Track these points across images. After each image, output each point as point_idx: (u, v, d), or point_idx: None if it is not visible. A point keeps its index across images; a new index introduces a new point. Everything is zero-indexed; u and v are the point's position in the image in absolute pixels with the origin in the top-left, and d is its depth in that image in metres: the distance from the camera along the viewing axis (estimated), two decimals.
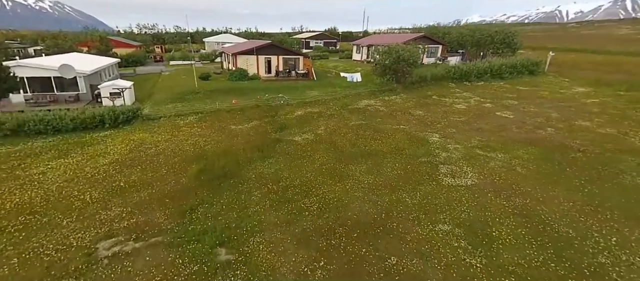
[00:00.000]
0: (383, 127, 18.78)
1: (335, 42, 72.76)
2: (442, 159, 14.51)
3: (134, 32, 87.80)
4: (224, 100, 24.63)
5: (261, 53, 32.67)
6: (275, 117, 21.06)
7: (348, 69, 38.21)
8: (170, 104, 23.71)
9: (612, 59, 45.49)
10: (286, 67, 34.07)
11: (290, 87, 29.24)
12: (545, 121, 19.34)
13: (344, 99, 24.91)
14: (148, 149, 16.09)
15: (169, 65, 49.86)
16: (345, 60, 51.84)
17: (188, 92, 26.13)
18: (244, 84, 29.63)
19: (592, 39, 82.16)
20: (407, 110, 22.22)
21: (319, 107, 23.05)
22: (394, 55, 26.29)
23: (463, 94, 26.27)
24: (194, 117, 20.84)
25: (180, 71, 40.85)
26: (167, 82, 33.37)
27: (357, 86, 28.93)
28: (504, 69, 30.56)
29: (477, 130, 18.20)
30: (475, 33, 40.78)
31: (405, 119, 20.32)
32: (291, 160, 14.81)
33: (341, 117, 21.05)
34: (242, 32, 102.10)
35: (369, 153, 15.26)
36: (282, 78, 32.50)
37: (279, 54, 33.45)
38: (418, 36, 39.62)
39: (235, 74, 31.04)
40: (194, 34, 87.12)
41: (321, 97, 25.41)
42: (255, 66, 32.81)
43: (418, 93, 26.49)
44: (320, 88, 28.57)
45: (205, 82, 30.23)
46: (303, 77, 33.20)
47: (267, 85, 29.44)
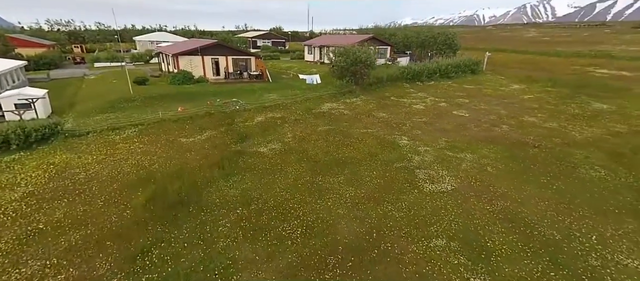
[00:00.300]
0: (352, 132, 18.00)
1: (283, 41, 70.87)
2: (416, 163, 14.17)
3: (44, 29, 74.77)
4: (168, 107, 21.58)
5: (207, 53, 29.71)
6: (233, 125, 18.95)
7: (303, 70, 37.00)
8: (100, 115, 19.93)
9: (530, 58, 51.72)
10: (237, 68, 31.57)
11: (245, 90, 27.01)
12: (497, 118, 20.50)
13: (306, 102, 23.67)
14: (76, 175, 12.96)
15: (93, 68, 43.15)
16: (297, 61, 50.51)
17: (122, 100, 22.35)
18: (190, 88, 26.53)
19: (510, 40, 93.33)
20: (370, 112, 21.83)
21: (281, 112, 21.46)
22: (352, 57, 25.82)
23: (418, 94, 26.93)
24: (133, 130, 17.68)
25: (108, 74, 35.40)
26: (93, 87, 28.47)
27: (317, 88, 27.91)
28: (451, 69, 32.28)
29: (441, 130, 18.46)
30: (419, 35, 42.77)
31: (371, 122, 19.84)
32: (260, 175, 13.13)
33: (307, 122, 19.78)
34: (178, 31, 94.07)
35: (344, 161, 14.28)
36: (234, 81, 30.00)
37: (228, 54, 30.82)
38: (368, 37, 40.14)
39: (179, 77, 27.69)
40: (121, 31, 77.26)
41: (281, 100, 23.79)
42: (200, 68, 29.73)
43: (377, 95, 26.43)
44: (278, 91, 26.89)
45: (142, 87, 26.38)
46: (257, 79, 31.09)
47: (217, 89, 26.77)
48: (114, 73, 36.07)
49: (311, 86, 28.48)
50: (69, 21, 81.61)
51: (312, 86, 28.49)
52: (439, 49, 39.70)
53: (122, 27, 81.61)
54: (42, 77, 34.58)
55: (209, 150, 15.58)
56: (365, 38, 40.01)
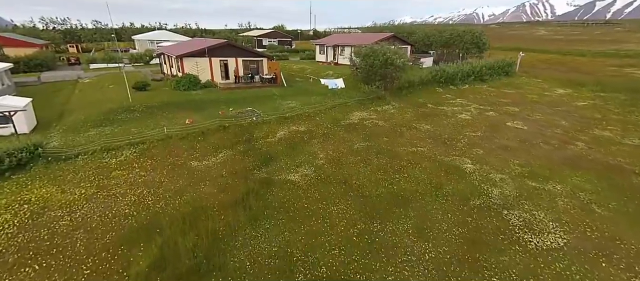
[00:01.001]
0: (397, 151, 14.80)
1: (290, 40, 67.52)
2: (499, 200, 10.99)
3: (39, 27, 71.30)
4: (174, 119, 18.37)
5: (215, 55, 26.44)
6: (252, 142, 15.74)
7: (318, 72, 33.73)
8: (93, 129, 16.71)
9: (554, 57, 48.52)
10: (248, 72, 28.32)
11: (259, 96, 23.78)
12: (563, 133, 17.31)
13: (332, 112, 20.44)
14: (56, 220, 9.77)
15: (88, 70, 39.86)
16: (308, 61, 47.23)
17: (119, 110, 19.11)
18: (196, 95, 23.30)
19: (521, 38, 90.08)
20: (410, 124, 18.62)
21: (305, 124, 18.25)
22: (381, 58, 22.58)
23: (457, 101, 23.70)
24: (133, 150, 14.46)
25: (105, 78, 32.12)
26: (87, 93, 25.21)
27: (339, 94, 24.66)
28: (485, 71, 29.08)
29: (504, 149, 15.26)
30: (442, 33, 39.53)
31: (416, 137, 16.64)
32: (298, 220, 9.95)
33: (338, 137, 16.58)
34: (179, 29, 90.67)
35: (403, 197, 11.10)
36: (245, 86, 26.75)
37: (238, 55, 27.56)
38: (388, 36, 36.89)
39: (184, 82, 24.44)
40: (119, 30, 73.79)
41: (302, 109, 20.55)
42: (208, 71, 26.48)
43: (410, 101, 23.21)
44: (296, 97, 23.66)
45: (142, 94, 23.14)
46: (269, 83, 27.85)
47: (227, 95, 23.56)
48: (111, 76, 32.79)
49: (332, 91, 25.24)
50: (64, 19, 78.22)
51: (333, 91, 25.24)
52: (465, 48, 36.48)
53: (120, 25, 78.14)
54: (32, 80, 31.36)
55: (228, 179, 12.39)
56: (385, 37, 36.74)
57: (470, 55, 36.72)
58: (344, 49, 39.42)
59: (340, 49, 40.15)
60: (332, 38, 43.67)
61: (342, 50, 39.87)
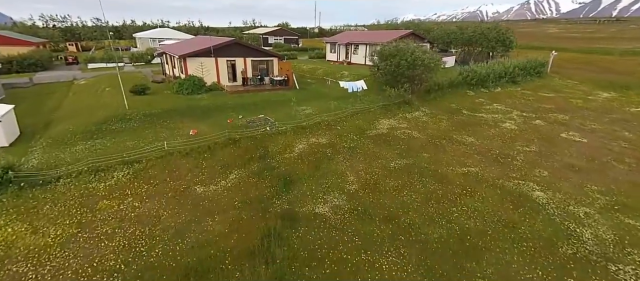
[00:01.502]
0: (444, 172, 12.27)
1: (296, 38, 64.88)
2: (596, 247, 8.44)
3: (38, 25, 69.17)
4: (176, 129, 15.94)
5: (221, 54, 23.96)
6: (268, 159, 13.27)
7: (333, 73, 31.15)
8: (82, 143, 14.30)
9: (581, 56, 45.55)
10: (257, 73, 25.83)
11: (270, 100, 21.29)
12: (634, 147, 14.67)
13: (354, 119, 17.91)
14: (18, 278, 7.34)
15: (86, 70, 37.57)
16: (318, 61, 44.66)
17: (114, 118, 16.68)
18: (201, 99, 20.86)
19: (534, 36, 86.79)
20: (449, 135, 16.05)
21: (327, 134, 15.75)
22: (410, 58, 19.98)
23: (494, 106, 21.06)
24: (126, 171, 12.02)
25: (102, 79, 29.78)
26: (81, 97, 22.86)
27: (360, 98, 22.10)
28: (517, 72, 26.39)
29: (572, 169, 12.67)
30: (463, 30, 36.74)
31: (460, 153, 14.08)
32: (334, 278, 7.45)
33: (368, 151, 14.07)
34: (182, 27, 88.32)
35: (471, 243, 8.57)
36: (254, 88, 24.25)
37: (246, 55, 25.06)
38: (406, 33, 34.19)
39: (187, 85, 21.99)
40: (120, 28, 71.51)
41: (320, 116, 18.01)
42: (214, 72, 24.01)
43: (441, 107, 20.61)
44: (311, 102, 21.16)
45: (141, 98, 20.72)
46: (281, 86, 25.34)
47: (235, 100, 21.09)
48: (108, 77, 30.43)
49: (351, 95, 22.66)
50: (64, 16, 76.05)
51: (352, 94, 22.66)
52: (490, 46, 33.70)
53: (120, 23, 75.80)
54: (23, 82, 29.05)
55: (242, 211, 9.92)
56: (403, 34, 34.09)
57: (495, 54, 33.96)
58: (358, 48, 36.83)
59: (353, 47, 37.55)
60: (344, 36, 41.06)
61: (355, 48, 37.28)
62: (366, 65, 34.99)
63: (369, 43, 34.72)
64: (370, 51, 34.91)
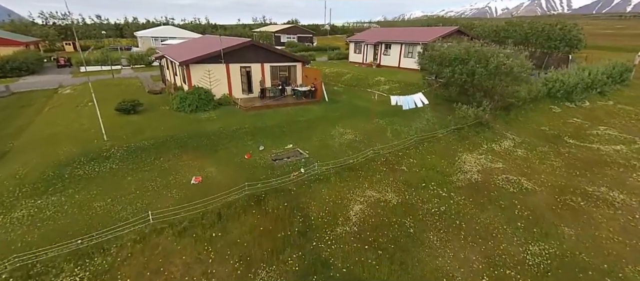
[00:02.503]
0: (623, 275, 7.01)
1: (311, 37, 59.57)
2: None
3: (38, 22, 64.88)
4: (171, 174, 10.94)
5: (233, 59, 18.88)
6: (312, 242, 8.16)
7: (364, 79, 25.85)
8: (26, 202, 9.36)
9: None
10: (277, 82, 20.71)
11: (297, 120, 16.18)
12: None
13: (422, 152, 12.71)
14: None
15: (78, 74, 32.90)
16: (338, 62, 39.35)
17: (83, 156, 11.72)
18: (209, 120, 15.87)
19: None
20: (578, 186, 10.75)
21: (391, 183, 10.63)
22: (494, 63, 14.63)
23: (601, 130, 15.59)
24: (79, 274, 6.98)
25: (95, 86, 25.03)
26: (55, 115, 18.04)
27: (410, 116, 16.84)
28: (604, 80, 20.84)
29: None
30: (517, 27, 31.06)
31: (618, 226, 8.80)
32: None
33: (471, 222, 8.92)
34: (188, 24, 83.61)
35: None
36: (274, 102, 19.13)
37: (264, 59, 19.95)
38: (452, 30, 28.70)
39: (191, 100, 16.97)
40: (122, 26, 67.02)
41: (370, 145, 12.80)
42: (224, 82, 18.96)
43: (530, 131, 15.27)
44: (350, 121, 16.05)
45: (129, 119, 15.80)
46: (306, 98, 20.19)
47: (253, 120, 16.03)
48: (99, 84, 25.66)
49: (397, 111, 17.31)
50: (65, 14, 71.78)
51: (398, 111, 17.29)
52: (552, 46, 28.04)
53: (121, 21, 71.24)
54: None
55: None
56: (449, 31, 28.62)
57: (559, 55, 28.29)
58: (390, 48, 31.47)
59: (383, 47, 32.19)
60: (372, 33, 35.66)
61: (386, 48, 31.93)
62: (402, 69, 29.66)
63: (406, 42, 29.35)
64: (406, 51, 29.58)
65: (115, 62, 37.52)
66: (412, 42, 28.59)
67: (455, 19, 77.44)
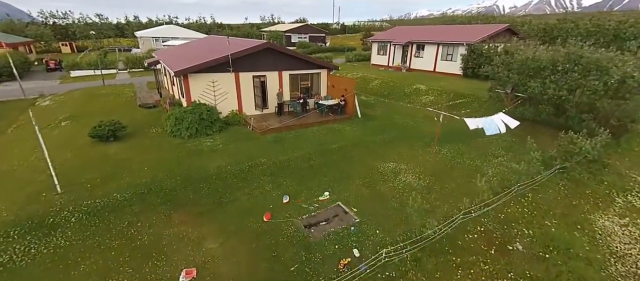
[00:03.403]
0: None
1: (323, 36, 55.35)
2: None
3: (39, 21, 61.62)
4: (150, 256, 6.84)
5: (244, 67, 14.76)
6: None
7: (398, 86, 21.58)
8: None
9: None
10: (298, 95, 16.56)
11: (329, 148, 12.01)
12: None
13: (529, 214, 8.38)
14: None
15: (67, 79, 29.18)
16: (360, 64, 35.08)
17: (21, 221, 7.73)
18: (213, 151, 11.81)
19: None
20: None
21: None
22: (615, 76, 10.25)
23: None
24: None
25: (73, 97, 21.26)
26: (12, 141, 14.14)
27: (482, 143, 12.56)
28: None
29: None
30: (573, 25, 26.40)
31: None
32: None
33: None
34: (192, 24, 80.00)
35: None
36: (295, 121, 14.96)
37: (282, 66, 15.82)
38: (501, 29, 24.22)
39: (189, 121, 12.90)
40: (123, 25, 63.46)
41: (445, 196, 8.58)
42: (233, 96, 14.86)
43: None
44: (400, 149, 11.90)
45: (105, 150, 11.79)
46: (333, 114, 16.01)
47: (270, 148, 11.94)
48: (85, 93, 21.83)
49: (459, 134, 13.05)
50: (66, 12, 68.53)
51: (459, 133, 13.03)
52: None
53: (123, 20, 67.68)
54: None
55: None
56: (497, 29, 24.18)
57: None
58: (423, 49, 27.15)
59: (414, 48, 27.85)
60: (400, 32, 31.33)
61: (418, 50, 27.60)
62: (439, 74, 25.28)
63: (444, 43, 24.99)
64: (444, 53, 25.21)
65: (111, 65, 33.93)
66: (452, 42, 24.23)
67: (484, 15, 72.47)
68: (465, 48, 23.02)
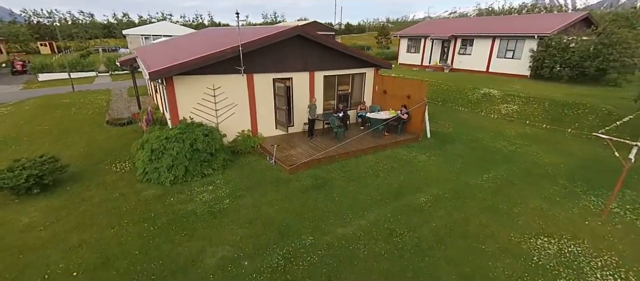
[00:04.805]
0: None
1: (333, 35, 50.32)
2: None
3: (20, 21, 56.07)
4: None
5: (261, 66, 9.58)
6: None
7: (455, 90, 16.42)
8: None
9: None
10: (337, 106, 11.35)
11: (412, 206, 6.73)
12: None
13: None
14: None
15: (32, 84, 23.85)
16: None
17: None
18: (212, 226, 6.55)
19: None
20: None
21: None
22: None
23: None
24: None
25: (30, 108, 15.97)
26: None
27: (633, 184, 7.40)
28: None
29: None
30: None
31: None
32: None
33: None
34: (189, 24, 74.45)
35: None
36: (332, 146, 9.79)
37: (317, 65, 10.62)
38: (577, 18, 19.14)
39: (176, 154, 7.73)
40: (111, 24, 57.91)
41: None
42: (244, 109, 9.66)
43: None
44: (532, 200, 6.63)
45: (13, 220, 6.46)
46: (389, 132, 10.85)
47: (307, 201, 6.74)
48: (44, 103, 16.51)
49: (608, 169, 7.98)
50: (51, 11, 62.94)
51: (604, 167, 7.95)
52: None
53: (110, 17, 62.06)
54: None
55: None
56: (574, 19, 19.06)
57: None
58: (471, 44, 22.01)
59: (458, 43, 22.72)
60: (438, 25, 26.16)
61: (464, 45, 22.46)
62: (495, 75, 20.13)
63: (503, 36, 19.87)
64: (502, 49, 20.11)
65: (89, 67, 28.72)
66: (515, 34, 19.09)
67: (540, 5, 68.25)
68: (537, 41, 17.91)
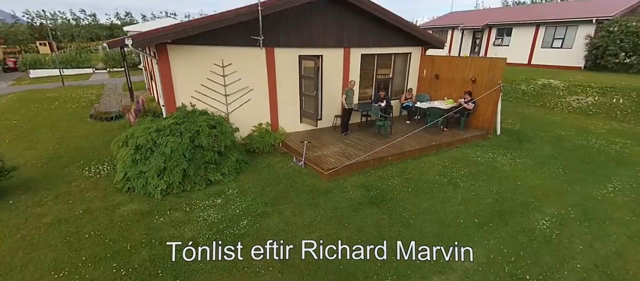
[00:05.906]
0: None
1: None
2: None
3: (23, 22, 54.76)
4: None
5: (284, 39, 7.25)
6: None
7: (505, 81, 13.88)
8: None
9: None
10: (377, 94, 8.97)
11: (525, 241, 4.16)
12: None
13: None
14: None
15: (22, 81, 21.86)
16: None
17: None
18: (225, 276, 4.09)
19: None
20: None
21: None
22: None
23: None
24: None
25: (8, 102, 13.72)
26: None
27: None
28: None
29: None
30: None
31: None
32: None
33: None
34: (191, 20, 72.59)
35: None
36: (388, 144, 7.36)
37: (355, 39, 8.24)
38: None
39: (169, 153, 5.40)
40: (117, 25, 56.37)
41: None
42: (263, 94, 7.28)
43: None
44: None
45: None
46: (448, 128, 8.42)
47: (362, 224, 4.34)
48: (29, 97, 14.27)
49: None
50: (54, 13, 61.45)
51: None
52: None
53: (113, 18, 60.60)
54: None
55: None
56: None
57: None
58: (509, 34, 19.49)
59: (493, 34, 20.19)
60: (468, 15, 23.59)
61: (500, 35, 19.93)
62: (541, 67, 17.56)
63: (550, 22, 17.30)
64: (549, 38, 17.57)
65: (85, 64, 27.02)
66: (566, 20, 16.51)
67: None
68: (595, 26, 15.35)
